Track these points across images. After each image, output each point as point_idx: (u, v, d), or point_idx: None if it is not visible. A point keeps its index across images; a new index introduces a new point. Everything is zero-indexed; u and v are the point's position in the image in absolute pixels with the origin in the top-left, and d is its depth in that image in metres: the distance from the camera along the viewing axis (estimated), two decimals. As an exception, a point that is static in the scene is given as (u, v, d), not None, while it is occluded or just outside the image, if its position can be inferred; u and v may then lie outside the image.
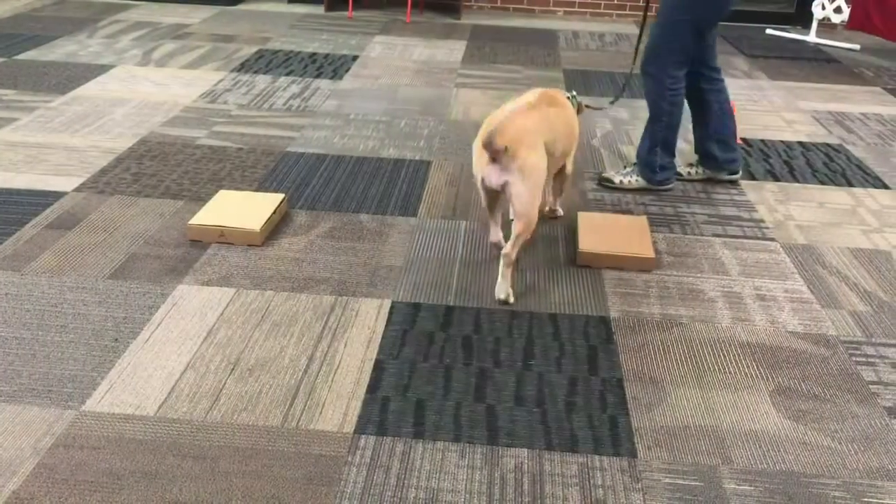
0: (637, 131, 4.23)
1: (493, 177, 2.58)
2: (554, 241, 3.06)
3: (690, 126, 3.60)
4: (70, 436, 1.98)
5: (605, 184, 3.53)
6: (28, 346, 2.31)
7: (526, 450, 2.01)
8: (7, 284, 2.60)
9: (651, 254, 2.85)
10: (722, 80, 3.47)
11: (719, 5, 3.18)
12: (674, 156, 3.47)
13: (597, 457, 2.00)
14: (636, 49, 3.49)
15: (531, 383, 2.26)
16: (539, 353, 2.39)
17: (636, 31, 6.54)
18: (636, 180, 3.48)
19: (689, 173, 3.61)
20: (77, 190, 3.26)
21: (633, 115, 4.48)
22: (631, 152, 3.93)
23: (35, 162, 3.51)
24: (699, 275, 2.85)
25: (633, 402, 2.20)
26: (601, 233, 2.97)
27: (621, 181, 3.50)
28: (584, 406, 2.18)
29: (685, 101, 3.40)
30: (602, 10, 7.01)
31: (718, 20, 3.25)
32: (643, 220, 3.11)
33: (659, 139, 3.40)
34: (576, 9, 7.03)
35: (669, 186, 3.52)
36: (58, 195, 3.21)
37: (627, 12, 6.99)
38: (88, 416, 2.05)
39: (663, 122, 3.36)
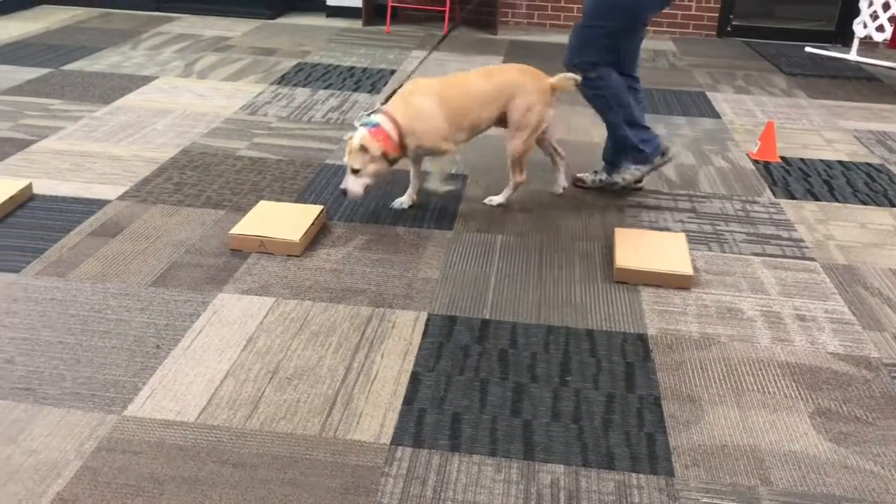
0: (675, 148, 4.21)
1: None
2: (591, 257, 3.05)
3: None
4: (113, 440, 2.02)
5: (609, 186, 3.59)
6: (72, 350, 2.36)
7: (562, 466, 2.01)
8: (52, 290, 2.66)
9: (690, 271, 2.84)
10: (639, 91, 3.51)
11: (630, 16, 3.24)
12: (646, 127, 3.47)
13: (634, 475, 1.99)
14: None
15: (568, 399, 2.25)
16: (576, 370, 2.38)
17: (672, 47, 6.53)
18: (632, 171, 3.51)
19: (593, 181, 3.62)
20: (120, 198, 3.33)
21: (671, 132, 4.46)
22: (668, 168, 3.92)
23: (80, 170, 3.59)
24: (738, 293, 2.83)
25: (670, 421, 2.18)
26: (638, 249, 2.96)
27: (624, 178, 3.54)
28: (621, 423, 2.17)
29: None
30: (639, 27, 6.99)
31: (633, 29, 3.30)
32: (681, 237, 3.09)
33: (622, 122, 3.42)
34: (612, 25, 7.02)
35: (668, 155, 3.51)
36: (102, 203, 3.28)
37: (664, 29, 6.98)
38: (130, 420, 2.09)
39: (614, 109, 3.40)
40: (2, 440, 2.00)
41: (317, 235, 3.09)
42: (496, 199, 3.44)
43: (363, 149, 2.99)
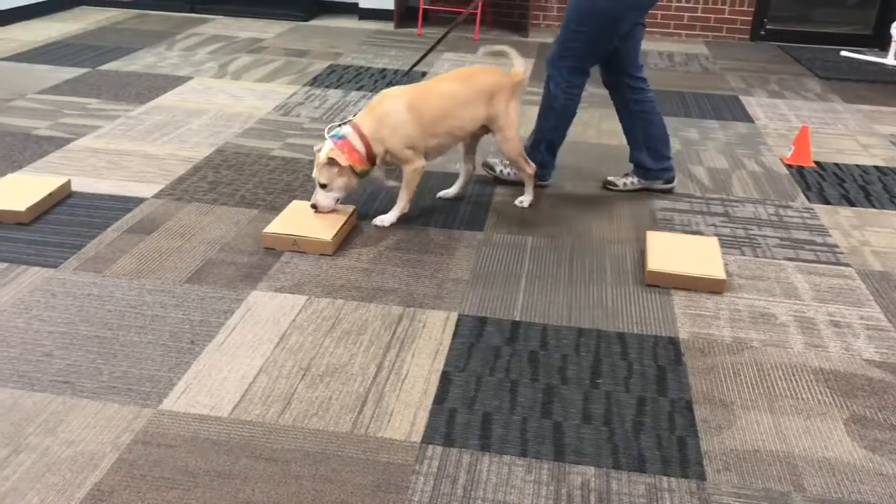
0: (707, 152, 4.19)
1: None
2: (622, 259, 3.04)
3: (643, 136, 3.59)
4: (148, 433, 2.05)
5: (487, 169, 3.69)
6: (109, 345, 2.40)
7: (593, 468, 2.01)
8: (89, 285, 2.70)
9: (722, 275, 2.82)
10: (646, 89, 3.51)
11: (609, 21, 3.25)
12: (554, 156, 3.58)
13: (665, 478, 1.98)
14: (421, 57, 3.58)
15: (598, 402, 2.25)
16: (606, 372, 2.38)
17: (705, 50, 6.48)
18: (515, 173, 3.60)
19: (624, 184, 3.65)
20: (156, 196, 3.38)
21: (703, 136, 4.44)
22: (700, 172, 3.90)
23: (116, 168, 3.64)
24: (771, 298, 2.81)
25: (702, 425, 2.17)
26: (671, 253, 2.95)
27: (501, 171, 3.66)
28: (652, 426, 2.16)
29: (617, 114, 3.58)
30: (671, 30, 6.96)
31: (614, 32, 3.29)
32: (714, 241, 3.07)
33: (544, 137, 3.51)
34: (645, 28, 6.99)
35: (546, 183, 3.65)
36: (138, 201, 3.33)
37: (697, 32, 6.93)
38: (165, 414, 2.12)
39: (552, 121, 3.46)
40: (41, 431, 2.04)
41: (348, 235, 3.12)
42: (526, 200, 3.45)
43: (331, 162, 2.96)
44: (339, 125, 3.09)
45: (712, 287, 2.82)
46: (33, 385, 2.21)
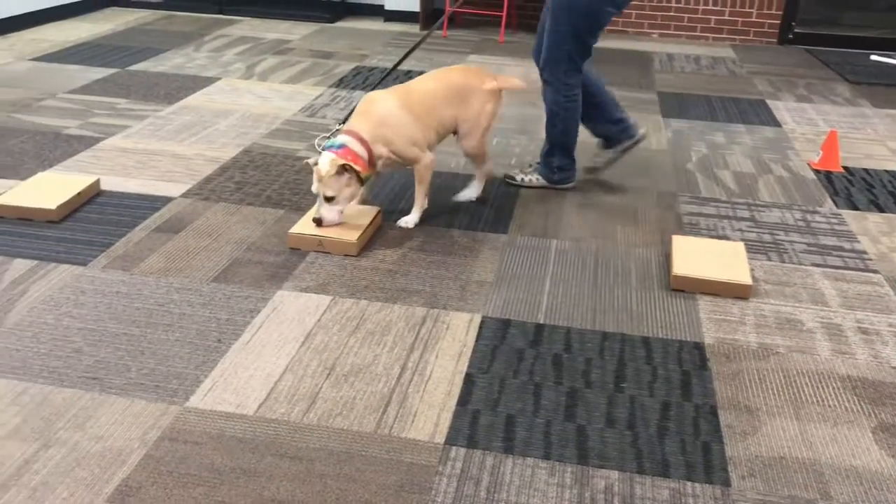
0: (734, 156, 4.16)
1: None
2: (647, 263, 3.03)
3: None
4: (175, 430, 2.07)
5: (508, 181, 3.70)
6: (137, 342, 2.43)
7: (617, 472, 2.00)
8: (118, 283, 2.74)
9: (748, 280, 2.80)
10: (585, 72, 3.54)
11: (589, 16, 3.30)
12: (572, 158, 3.61)
13: (689, 483, 1.98)
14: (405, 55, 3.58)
15: (622, 406, 2.24)
16: (631, 376, 2.37)
17: (732, 54, 6.44)
18: (537, 179, 3.65)
19: (600, 162, 3.75)
20: (184, 196, 3.41)
21: (730, 140, 4.41)
22: (727, 176, 3.87)
23: (145, 167, 3.69)
24: (797, 304, 2.78)
25: (727, 430, 2.16)
26: (696, 257, 2.94)
27: (523, 179, 3.67)
28: (676, 431, 2.15)
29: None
30: (698, 34, 6.92)
31: (596, 28, 3.35)
32: (740, 246, 3.05)
33: (557, 142, 3.56)
34: (671, 31, 6.96)
35: (569, 186, 3.66)
36: (166, 200, 3.36)
37: (724, 35, 6.89)
38: (192, 412, 2.14)
39: (559, 126, 3.51)
40: (71, 427, 2.07)
41: (373, 236, 3.13)
42: (472, 193, 3.48)
43: (340, 171, 2.87)
44: (329, 136, 3.09)
45: (738, 292, 2.80)
46: (63, 381, 2.24)
